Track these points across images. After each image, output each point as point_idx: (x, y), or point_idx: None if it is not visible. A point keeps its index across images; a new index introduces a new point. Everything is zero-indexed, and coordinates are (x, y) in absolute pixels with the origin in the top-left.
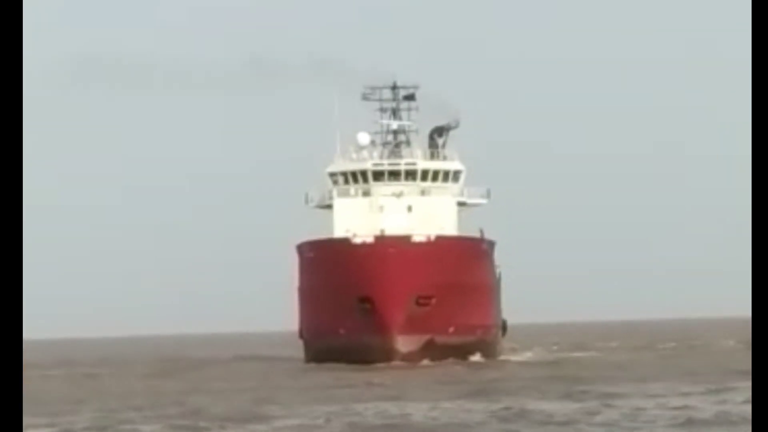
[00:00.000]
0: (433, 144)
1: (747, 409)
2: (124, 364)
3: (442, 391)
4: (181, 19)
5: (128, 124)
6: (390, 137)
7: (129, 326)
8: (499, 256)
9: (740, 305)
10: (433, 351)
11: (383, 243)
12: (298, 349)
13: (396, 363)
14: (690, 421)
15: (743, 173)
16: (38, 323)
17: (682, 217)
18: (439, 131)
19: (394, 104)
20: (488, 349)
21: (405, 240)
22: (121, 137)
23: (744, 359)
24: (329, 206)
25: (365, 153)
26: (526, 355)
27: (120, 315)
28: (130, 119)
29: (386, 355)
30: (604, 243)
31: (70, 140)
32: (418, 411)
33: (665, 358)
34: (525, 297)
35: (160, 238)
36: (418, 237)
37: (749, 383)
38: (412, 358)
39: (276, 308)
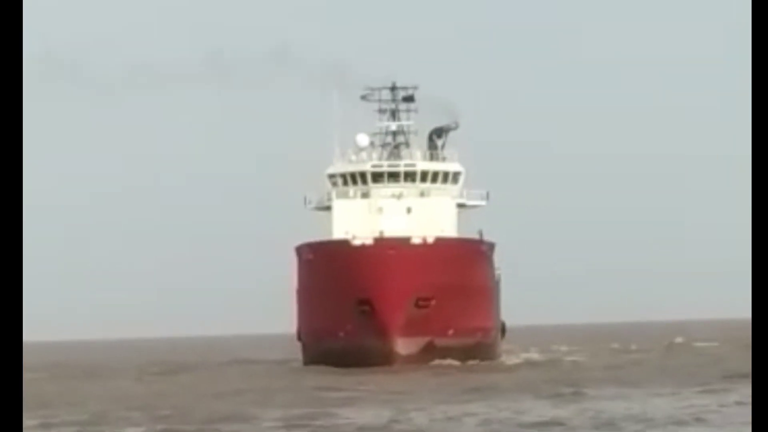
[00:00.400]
0: (432, 145)
1: (741, 411)
2: (116, 367)
3: (436, 393)
4: (169, 16)
5: (126, 124)
6: (389, 138)
7: (124, 329)
8: (498, 258)
9: (740, 307)
10: (433, 353)
11: (382, 245)
12: (296, 352)
13: (396, 366)
14: (683, 423)
15: (743, 173)
16: (32, 325)
17: (682, 217)
18: (439, 132)
19: (393, 105)
20: (488, 352)
21: (404, 242)
22: (120, 137)
23: (741, 361)
24: (328, 208)
25: (364, 154)
26: (525, 357)
27: (115, 317)
28: (127, 119)
29: (386, 357)
30: (604, 243)
31: (71, 140)
32: (411, 413)
33: (663, 359)
34: (524, 299)
35: (157, 240)
36: (418, 239)
37: (746, 385)
38: (411, 361)
39: (275, 311)
